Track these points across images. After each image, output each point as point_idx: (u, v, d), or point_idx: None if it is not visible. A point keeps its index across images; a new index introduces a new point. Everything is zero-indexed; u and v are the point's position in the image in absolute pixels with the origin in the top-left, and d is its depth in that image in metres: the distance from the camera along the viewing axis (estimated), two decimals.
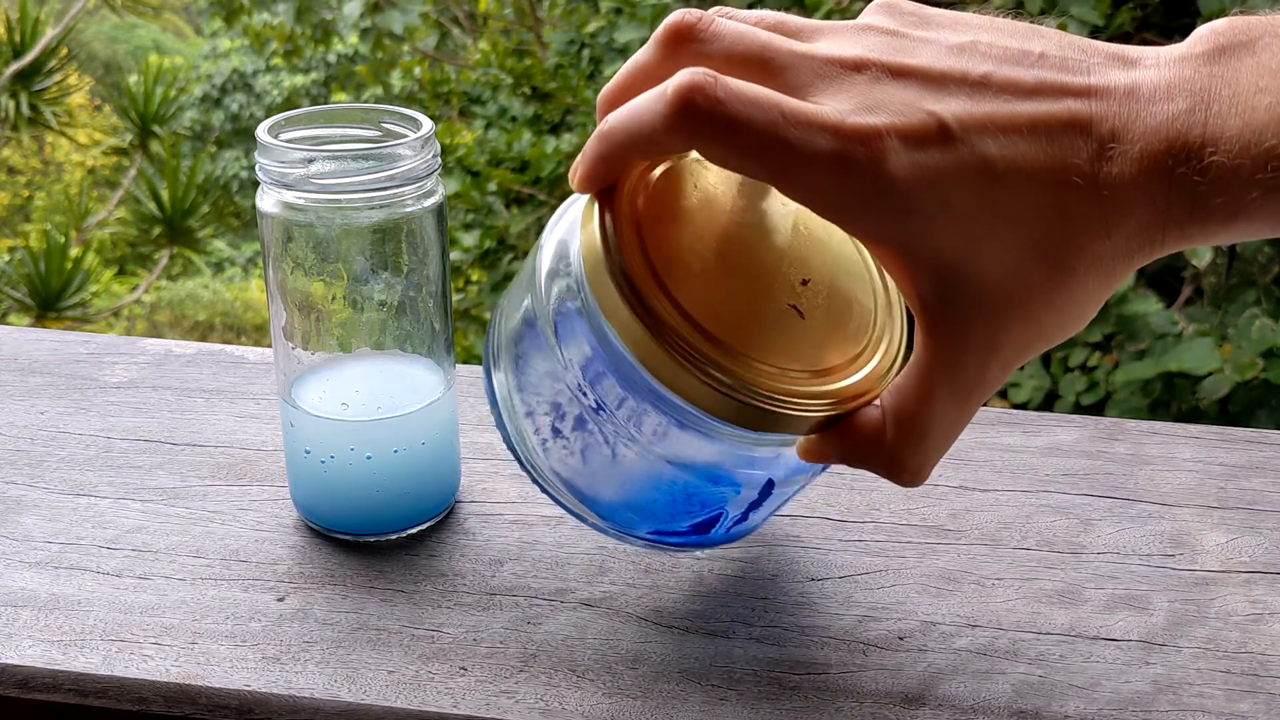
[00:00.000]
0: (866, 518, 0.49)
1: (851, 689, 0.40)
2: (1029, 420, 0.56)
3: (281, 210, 0.43)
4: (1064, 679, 0.40)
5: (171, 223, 3.29)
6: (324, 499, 0.47)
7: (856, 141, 0.31)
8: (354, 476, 0.46)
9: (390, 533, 0.47)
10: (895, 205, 0.32)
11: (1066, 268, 0.32)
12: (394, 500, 0.47)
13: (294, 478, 0.48)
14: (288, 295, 0.45)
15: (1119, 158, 0.31)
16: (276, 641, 0.42)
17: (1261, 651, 0.42)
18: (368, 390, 0.47)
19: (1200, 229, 0.32)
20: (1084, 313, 0.34)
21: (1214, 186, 0.31)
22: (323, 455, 0.46)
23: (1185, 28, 2.13)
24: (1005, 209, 0.32)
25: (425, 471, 0.47)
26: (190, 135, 5.52)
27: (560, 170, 2.47)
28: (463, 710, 0.39)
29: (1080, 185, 0.32)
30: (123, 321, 5.06)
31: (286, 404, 0.47)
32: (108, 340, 0.64)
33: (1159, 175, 0.31)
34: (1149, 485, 0.51)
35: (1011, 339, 0.33)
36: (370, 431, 0.46)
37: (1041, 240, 0.32)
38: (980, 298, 0.33)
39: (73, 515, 0.49)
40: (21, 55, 3.11)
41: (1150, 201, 0.32)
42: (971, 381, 0.34)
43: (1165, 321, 1.83)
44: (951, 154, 0.32)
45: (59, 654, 0.41)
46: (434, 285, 0.46)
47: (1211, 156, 0.31)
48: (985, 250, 0.32)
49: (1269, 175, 0.30)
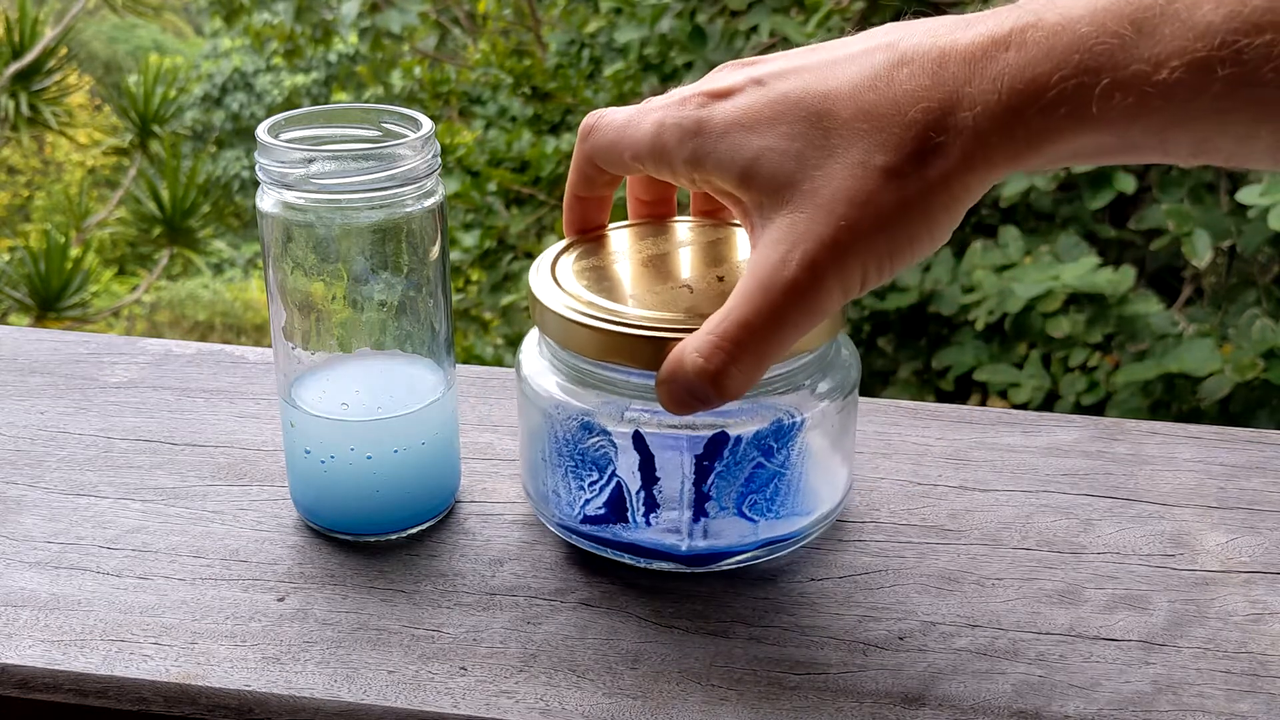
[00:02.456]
0: (866, 518, 0.49)
1: (851, 689, 0.40)
2: (1029, 420, 0.56)
3: (281, 210, 0.43)
4: (1064, 679, 0.40)
5: (171, 223, 3.29)
6: (324, 499, 0.47)
7: (675, 106, 0.40)
8: (354, 476, 0.46)
9: (390, 533, 0.47)
10: (707, 139, 0.38)
11: (850, 160, 0.35)
12: (394, 500, 0.47)
13: (294, 478, 0.48)
14: (288, 295, 0.45)
15: (907, 61, 0.35)
16: (276, 641, 0.42)
17: (1261, 651, 0.42)
18: (368, 390, 0.47)
19: (1000, 136, 0.33)
20: (901, 217, 0.35)
21: (1016, 75, 0.33)
22: (323, 455, 0.46)
23: None
24: (787, 123, 0.37)
25: (425, 471, 0.47)
26: (190, 135, 5.52)
27: (560, 170, 2.47)
28: (463, 710, 0.39)
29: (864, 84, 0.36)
30: (123, 321, 5.06)
31: (286, 404, 0.47)
32: (108, 340, 0.64)
33: (946, 63, 0.34)
34: (1149, 485, 0.51)
35: (814, 232, 0.35)
36: (370, 431, 0.46)
37: (819, 137, 0.36)
38: (779, 194, 0.36)
39: (73, 515, 0.49)
40: (21, 55, 3.11)
41: (930, 95, 0.34)
42: (773, 272, 0.36)
43: (1166, 322, 1.83)
44: (750, 95, 0.38)
45: (59, 654, 0.41)
46: (434, 285, 0.46)
47: (1004, 53, 0.33)
48: (773, 151, 0.37)
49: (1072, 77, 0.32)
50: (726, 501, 0.43)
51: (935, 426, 0.56)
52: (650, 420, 0.42)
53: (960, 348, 1.97)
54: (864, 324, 2.12)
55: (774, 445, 0.43)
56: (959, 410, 0.57)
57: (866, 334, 2.17)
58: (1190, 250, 1.77)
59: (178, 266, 4.48)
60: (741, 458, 0.42)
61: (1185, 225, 1.78)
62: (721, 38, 2.20)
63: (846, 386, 0.45)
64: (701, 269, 0.46)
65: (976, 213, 2.23)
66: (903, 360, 2.13)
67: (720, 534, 0.44)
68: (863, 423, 0.56)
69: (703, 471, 0.43)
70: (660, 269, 0.46)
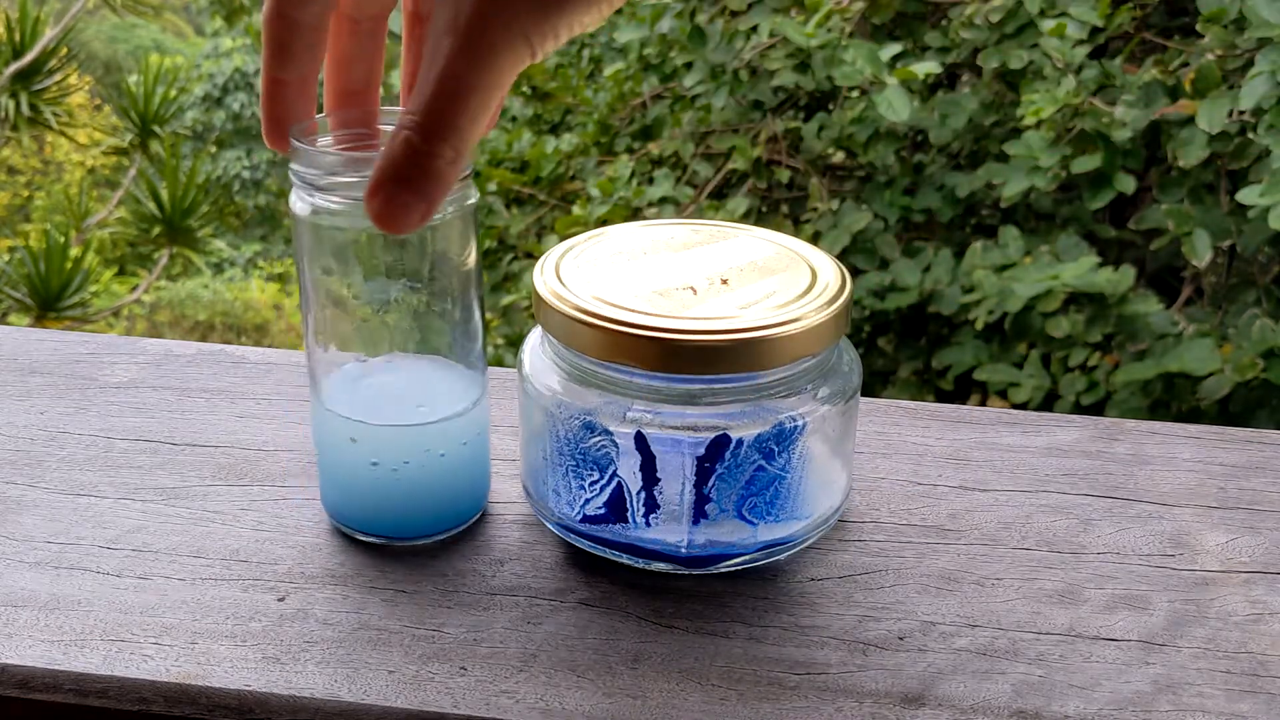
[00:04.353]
0: (866, 518, 0.49)
1: (851, 689, 0.40)
2: (1029, 420, 0.56)
3: (312, 213, 0.43)
4: (1064, 679, 0.40)
5: (171, 223, 3.29)
6: (384, 507, 0.47)
7: None
8: (425, 478, 0.46)
9: (440, 532, 0.48)
10: None
11: None
12: (450, 498, 0.48)
13: (346, 490, 0.47)
14: (322, 298, 0.45)
15: None
16: (276, 641, 0.42)
17: (1261, 651, 0.42)
18: (423, 394, 0.47)
19: None
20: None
21: None
22: (394, 464, 0.46)
23: (1185, 27, 2.12)
24: None
25: (474, 470, 0.48)
26: (191, 135, 5.51)
27: (560, 170, 2.47)
28: (463, 710, 0.39)
29: None
30: (123, 321, 5.06)
31: (341, 418, 0.46)
32: (108, 340, 0.64)
33: None
34: (1149, 485, 0.51)
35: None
36: (440, 433, 0.46)
37: None
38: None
39: (73, 515, 0.49)
40: (21, 55, 3.11)
41: None
42: (459, 19, 0.35)
43: (1165, 322, 1.83)
44: None
45: (59, 654, 0.41)
46: (469, 287, 0.46)
47: None
48: None
49: None
50: (726, 504, 0.43)
51: (935, 426, 0.56)
52: (652, 421, 0.42)
53: (960, 347, 1.97)
54: (864, 324, 2.12)
55: (775, 449, 0.43)
56: (959, 410, 0.57)
57: (867, 334, 2.17)
58: (1190, 250, 1.76)
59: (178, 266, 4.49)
60: (743, 460, 0.42)
61: (1185, 225, 1.78)
62: (721, 38, 2.20)
63: (848, 391, 0.45)
64: (705, 270, 0.46)
65: (976, 213, 2.23)
66: (903, 360, 2.13)
67: (719, 536, 0.44)
68: (863, 423, 0.56)
69: (703, 473, 0.43)
70: (664, 270, 0.46)
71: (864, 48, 1.95)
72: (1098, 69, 1.91)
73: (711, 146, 2.28)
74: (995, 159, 2.04)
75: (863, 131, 2.11)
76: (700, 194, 2.24)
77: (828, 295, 0.44)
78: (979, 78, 2.18)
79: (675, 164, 2.32)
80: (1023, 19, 1.99)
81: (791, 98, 2.28)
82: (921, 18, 2.25)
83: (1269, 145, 1.64)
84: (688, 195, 2.20)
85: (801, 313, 0.42)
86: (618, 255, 0.47)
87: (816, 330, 0.42)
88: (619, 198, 2.19)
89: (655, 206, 2.16)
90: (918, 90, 2.10)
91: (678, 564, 0.44)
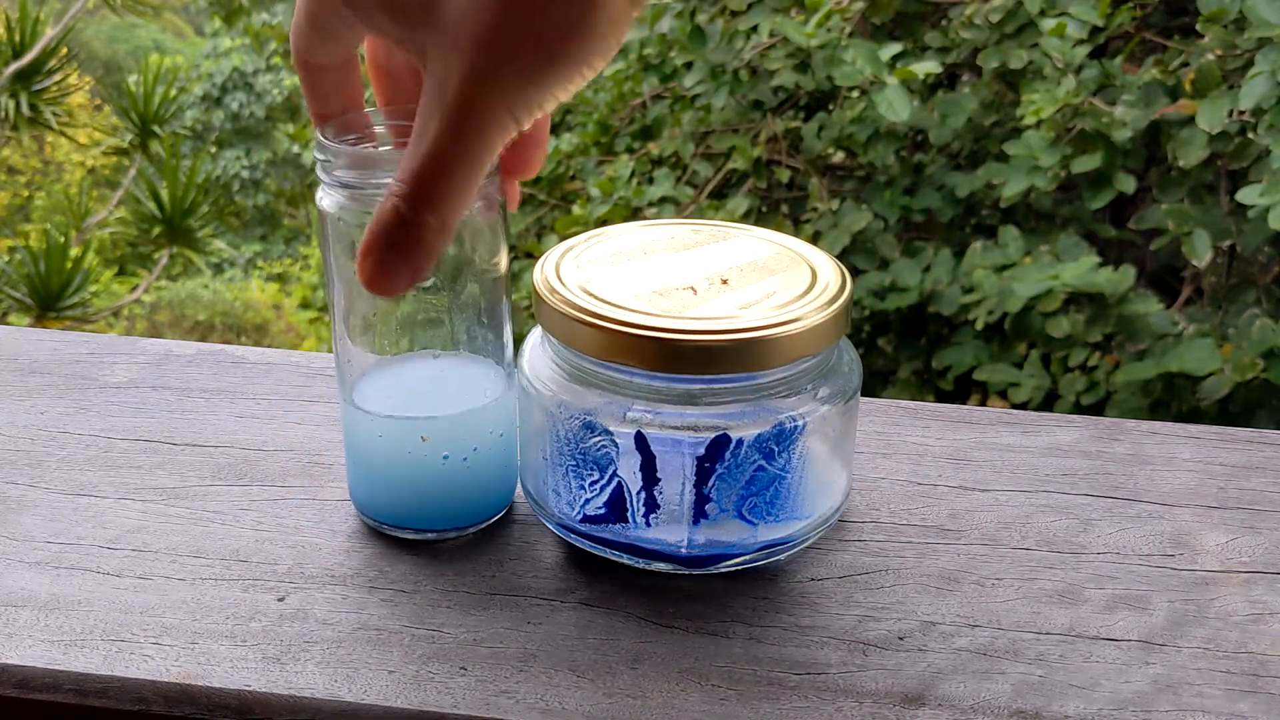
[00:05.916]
0: (866, 518, 0.49)
1: (851, 689, 0.40)
2: (1029, 420, 0.56)
3: (341, 210, 0.43)
4: (1064, 679, 0.40)
5: (171, 223, 3.29)
6: (453, 497, 0.47)
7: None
8: (484, 468, 0.47)
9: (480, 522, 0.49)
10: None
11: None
12: (510, 477, 0.49)
13: (397, 487, 0.47)
14: (350, 294, 0.45)
15: None
16: (276, 641, 0.42)
17: (1261, 651, 0.42)
18: (450, 383, 0.47)
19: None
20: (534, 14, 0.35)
21: None
22: (464, 453, 0.46)
23: (1185, 27, 2.12)
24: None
25: (509, 462, 0.49)
26: (191, 135, 5.51)
27: (560, 170, 2.47)
28: (463, 710, 0.39)
29: None
30: (123, 321, 5.06)
31: (398, 419, 0.46)
32: (108, 340, 0.64)
33: None
34: (1149, 485, 0.51)
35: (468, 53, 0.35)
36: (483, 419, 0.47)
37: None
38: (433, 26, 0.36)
39: (73, 515, 0.49)
40: (21, 55, 3.11)
41: None
42: (445, 97, 0.35)
43: (1165, 322, 1.83)
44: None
45: (59, 654, 0.41)
46: (495, 283, 0.46)
47: None
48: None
49: None
50: (726, 504, 0.43)
51: (935, 426, 0.56)
52: (652, 421, 0.42)
53: (960, 347, 1.97)
54: (864, 324, 2.12)
55: (775, 449, 0.43)
56: (959, 410, 0.57)
57: (867, 334, 2.17)
58: (1190, 250, 1.77)
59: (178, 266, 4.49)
60: (743, 460, 0.42)
61: (1185, 225, 1.78)
62: (721, 38, 2.20)
63: (848, 392, 0.45)
64: (705, 271, 0.46)
65: (976, 213, 2.23)
66: (903, 360, 2.13)
67: (719, 536, 0.44)
68: (863, 423, 0.56)
69: (704, 473, 0.43)
70: (664, 270, 0.46)
71: (864, 48, 1.95)
72: (1098, 69, 1.91)
73: (711, 146, 2.28)
74: (995, 159, 2.04)
75: (863, 131, 2.11)
76: (700, 194, 2.24)
77: (828, 295, 0.44)
78: (979, 78, 2.18)
79: (675, 164, 2.32)
80: (1023, 19, 1.99)
81: (791, 98, 2.28)
82: (921, 18, 2.25)
83: (1269, 145, 1.64)
84: (688, 195, 2.20)
85: (801, 313, 0.42)
86: (618, 255, 0.47)
87: (816, 330, 0.42)
88: (619, 198, 2.19)
89: (655, 206, 2.16)
90: (918, 90, 2.10)
91: (678, 564, 0.44)
